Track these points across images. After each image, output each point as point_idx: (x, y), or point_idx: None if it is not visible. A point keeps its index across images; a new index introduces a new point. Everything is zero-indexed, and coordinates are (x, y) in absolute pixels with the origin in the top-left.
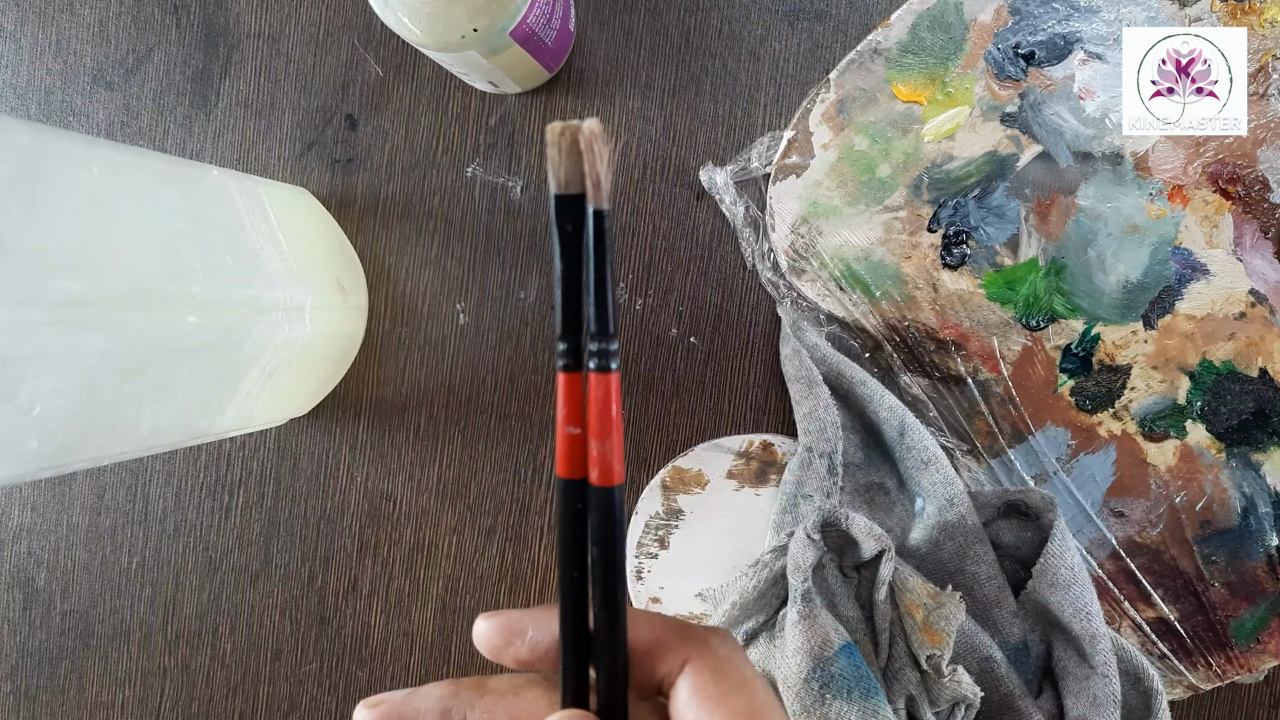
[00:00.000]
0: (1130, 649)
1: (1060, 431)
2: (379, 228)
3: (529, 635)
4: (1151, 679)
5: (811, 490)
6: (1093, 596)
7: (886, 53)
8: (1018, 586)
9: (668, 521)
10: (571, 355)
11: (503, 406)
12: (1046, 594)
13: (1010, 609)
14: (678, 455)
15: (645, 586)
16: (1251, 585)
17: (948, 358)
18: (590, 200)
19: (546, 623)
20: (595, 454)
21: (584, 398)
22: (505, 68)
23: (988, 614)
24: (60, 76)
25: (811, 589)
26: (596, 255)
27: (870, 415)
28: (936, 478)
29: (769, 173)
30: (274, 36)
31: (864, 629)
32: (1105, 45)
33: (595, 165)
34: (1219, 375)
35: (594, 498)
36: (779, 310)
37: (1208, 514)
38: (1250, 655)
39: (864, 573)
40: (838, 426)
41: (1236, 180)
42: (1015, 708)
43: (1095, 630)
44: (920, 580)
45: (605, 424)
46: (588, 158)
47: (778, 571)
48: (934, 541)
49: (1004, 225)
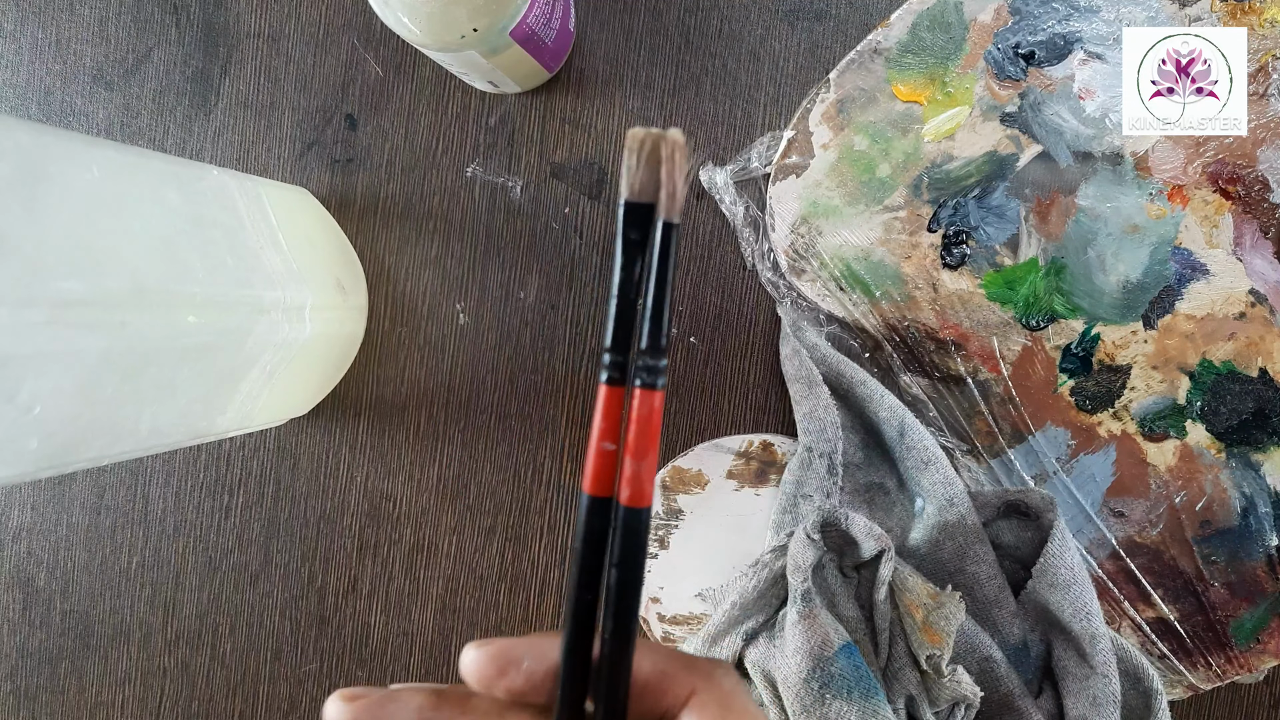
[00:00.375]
0: (1130, 649)
1: (1060, 431)
2: (379, 228)
3: (524, 665)
4: (1151, 679)
5: (811, 490)
6: (1092, 596)
7: (886, 52)
8: (1017, 586)
9: (667, 521)
10: (618, 369)
11: (503, 406)
12: (1046, 594)
13: (1010, 609)
14: (677, 455)
15: (645, 587)
16: (1251, 585)
17: (948, 358)
18: (662, 211)
19: (542, 651)
20: (629, 473)
21: (624, 414)
22: (505, 68)
23: (988, 614)
24: (60, 76)
25: (811, 589)
26: (659, 268)
27: (870, 415)
28: (936, 478)
29: (769, 173)
30: (274, 36)
31: (864, 629)
32: (1105, 45)
33: (673, 176)
34: (1219, 375)
35: (623, 519)
36: (779, 310)
37: (1208, 514)
38: (1250, 655)
39: (864, 573)
40: (837, 426)
41: (1236, 180)
42: (1015, 708)
43: (1095, 630)
44: (920, 580)
45: (645, 443)
46: (666, 167)
47: (777, 571)
48: (934, 541)
49: (1004, 225)
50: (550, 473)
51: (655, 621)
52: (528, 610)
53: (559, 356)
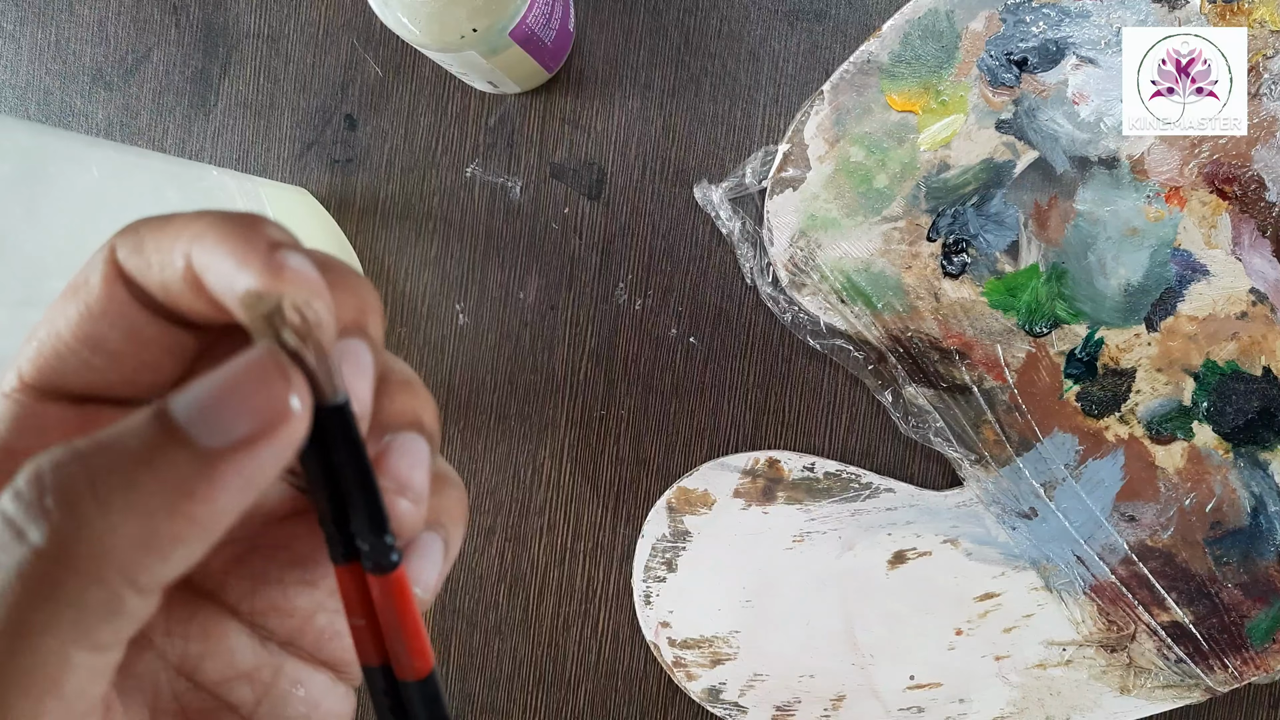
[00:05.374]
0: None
1: (1068, 438)
2: (378, 228)
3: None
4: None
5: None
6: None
7: (880, 63)
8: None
9: (675, 544)
10: (337, 546)
11: (502, 406)
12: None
13: None
14: (682, 476)
15: (654, 611)
16: (1265, 585)
17: (952, 367)
18: (325, 394)
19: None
20: (390, 651)
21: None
22: (505, 68)
23: None
24: (60, 76)
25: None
26: (350, 455)
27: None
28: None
29: (764, 188)
30: (273, 36)
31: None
32: (1098, 49)
33: (310, 346)
34: (1223, 375)
35: (411, 692)
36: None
37: (1218, 515)
38: (1266, 656)
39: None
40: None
41: (1232, 180)
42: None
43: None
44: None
45: (394, 631)
46: (298, 344)
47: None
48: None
49: (1003, 232)
50: (550, 473)
51: (666, 646)
52: (527, 610)
53: (559, 356)
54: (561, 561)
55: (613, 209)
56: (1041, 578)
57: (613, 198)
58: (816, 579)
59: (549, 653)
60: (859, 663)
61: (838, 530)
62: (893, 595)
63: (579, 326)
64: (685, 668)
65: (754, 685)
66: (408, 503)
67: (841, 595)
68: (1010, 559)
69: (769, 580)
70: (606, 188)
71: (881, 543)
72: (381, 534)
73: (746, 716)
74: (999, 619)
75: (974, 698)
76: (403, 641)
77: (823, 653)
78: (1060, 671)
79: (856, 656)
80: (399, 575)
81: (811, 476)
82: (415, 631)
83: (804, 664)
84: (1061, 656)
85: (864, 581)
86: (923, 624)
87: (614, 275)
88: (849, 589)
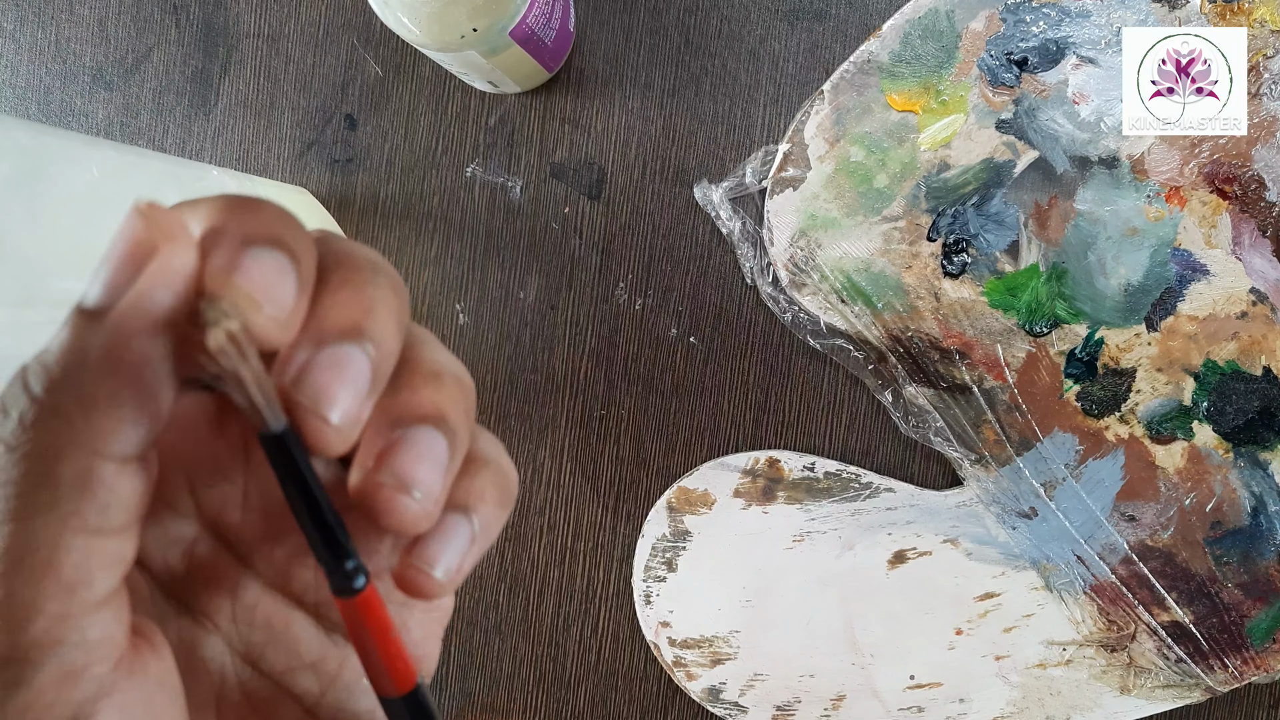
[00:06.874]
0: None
1: (1068, 437)
2: (378, 228)
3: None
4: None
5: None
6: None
7: (880, 63)
8: None
9: (675, 543)
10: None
11: (503, 406)
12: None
13: None
14: (683, 476)
15: (654, 610)
16: (1265, 585)
17: (952, 367)
18: (267, 422)
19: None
20: (366, 670)
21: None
22: (505, 68)
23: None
24: (60, 76)
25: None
26: (296, 484)
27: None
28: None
29: (764, 188)
30: (273, 36)
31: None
32: (1098, 49)
33: (246, 377)
34: (1223, 375)
35: (403, 710)
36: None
37: (1218, 515)
38: (1267, 655)
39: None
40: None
41: (1232, 180)
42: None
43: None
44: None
45: (369, 649)
46: (232, 374)
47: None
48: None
49: (1003, 232)
50: (550, 473)
51: (666, 646)
52: (527, 610)
53: (559, 356)
54: (561, 561)
55: (613, 209)
56: (1041, 577)
57: (613, 197)
58: (816, 579)
59: (549, 652)
60: (859, 662)
61: (838, 530)
62: (893, 595)
63: (579, 326)
64: (685, 667)
65: (754, 685)
66: (411, 499)
67: (841, 595)
68: (1010, 559)
69: (769, 580)
70: (606, 187)
71: (881, 542)
72: (340, 559)
73: (746, 716)
74: (999, 619)
75: (974, 698)
76: (380, 663)
77: (823, 652)
78: (1060, 671)
79: (856, 656)
80: (366, 598)
81: (811, 476)
82: (392, 652)
83: (804, 664)
84: (1061, 656)
85: (864, 581)
86: (923, 624)
87: (614, 275)
88: (849, 589)
